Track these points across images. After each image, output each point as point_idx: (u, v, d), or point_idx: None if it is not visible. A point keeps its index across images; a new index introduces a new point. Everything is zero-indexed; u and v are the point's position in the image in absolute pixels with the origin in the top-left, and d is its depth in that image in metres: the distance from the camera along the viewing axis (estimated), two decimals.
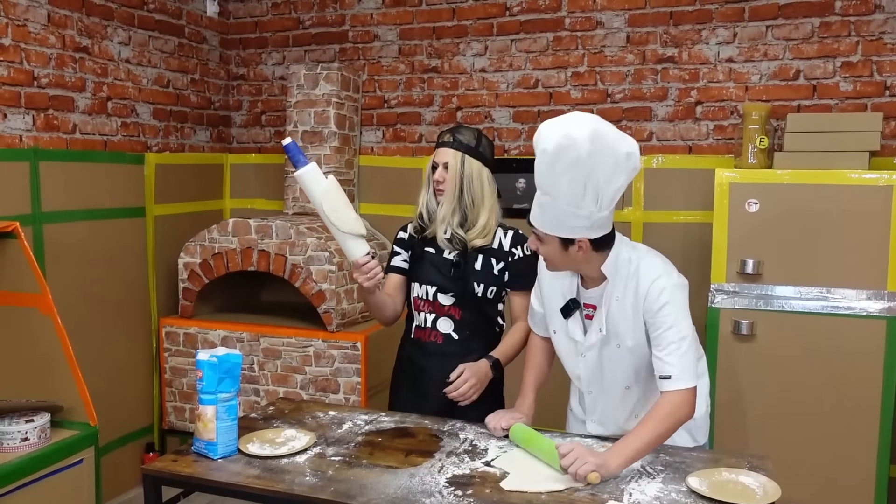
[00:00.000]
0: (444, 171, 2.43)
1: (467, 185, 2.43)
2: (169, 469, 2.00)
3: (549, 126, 1.92)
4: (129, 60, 3.76)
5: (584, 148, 1.85)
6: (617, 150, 1.89)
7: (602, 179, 1.89)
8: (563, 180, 1.88)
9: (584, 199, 1.90)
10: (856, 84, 3.43)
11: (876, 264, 2.93)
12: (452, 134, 2.47)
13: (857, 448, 2.98)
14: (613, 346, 2.10)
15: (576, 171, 1.87)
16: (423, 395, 2.52)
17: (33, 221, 3.22)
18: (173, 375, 3.90)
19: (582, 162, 1.86)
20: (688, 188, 3.67)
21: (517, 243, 2.49)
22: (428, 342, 2.53)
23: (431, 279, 2.49)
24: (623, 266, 2.06)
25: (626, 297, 2.05)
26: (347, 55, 4.27)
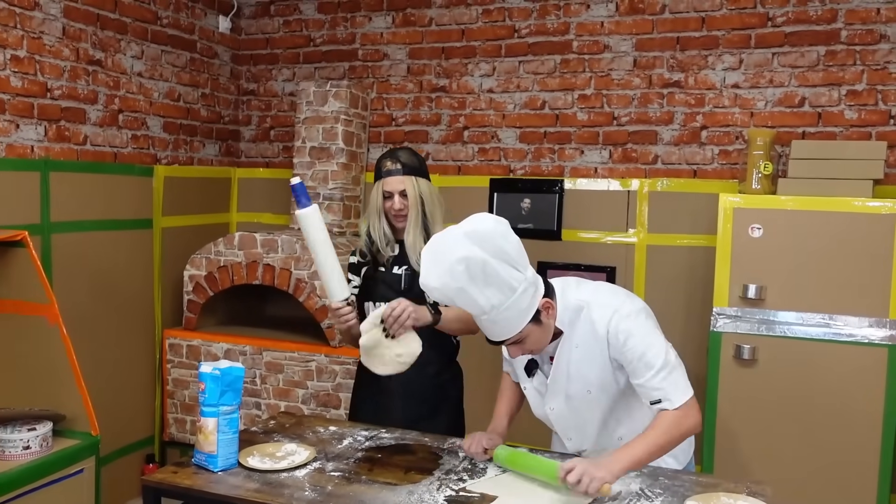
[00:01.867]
0: (402, 199, 2.48)
1: (427, 206, 2.51)
2: (169, 481, 2.01)
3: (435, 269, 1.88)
4: (142, 74, 3.81)
5: (476, 252, 1.84)
6: (488, 228, 1.89)
7: (506, 253, 1.88)
8: (490, 289, 1.86)
9: (513, 279, 1.89)
10: (861, 112, 3.45)
11: (878, 292, 2.94)
12: (396, 160, 2.49)
13: (857, 476, 2.97)
14: (583, 392, 2.09)
15: (492, 272, 1.86)
16: (384, 409, 2.55)
17: (42, 231, 3.25)
18: (175, 387, 3.91)
19: (489, 262, 1.85)
20: (692, 212, 3.68)
21: None
22: None
23: (383, 295, 2.52)
24: (574, 313, 2.05)
25: (587, 342, 2.04)
26: (357, 73, 4.31)
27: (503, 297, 1.89)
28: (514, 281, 1.89)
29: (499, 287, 1.88)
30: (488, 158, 4.09)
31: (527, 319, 1.93)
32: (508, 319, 1.92)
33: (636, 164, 3.82)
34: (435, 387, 2.57)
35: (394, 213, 2.50)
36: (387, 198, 2.50)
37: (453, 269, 1.85)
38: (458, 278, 1.85)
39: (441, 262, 1.87)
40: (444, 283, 1.87)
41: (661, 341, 2.03)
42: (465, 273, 1.84)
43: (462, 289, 1.86)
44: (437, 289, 1.90)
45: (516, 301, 1.90)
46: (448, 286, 1.87)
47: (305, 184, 4.06)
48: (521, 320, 1.93)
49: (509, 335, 1.95)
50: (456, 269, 1.84)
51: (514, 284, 1.89)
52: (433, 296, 1.97)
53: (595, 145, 3.89)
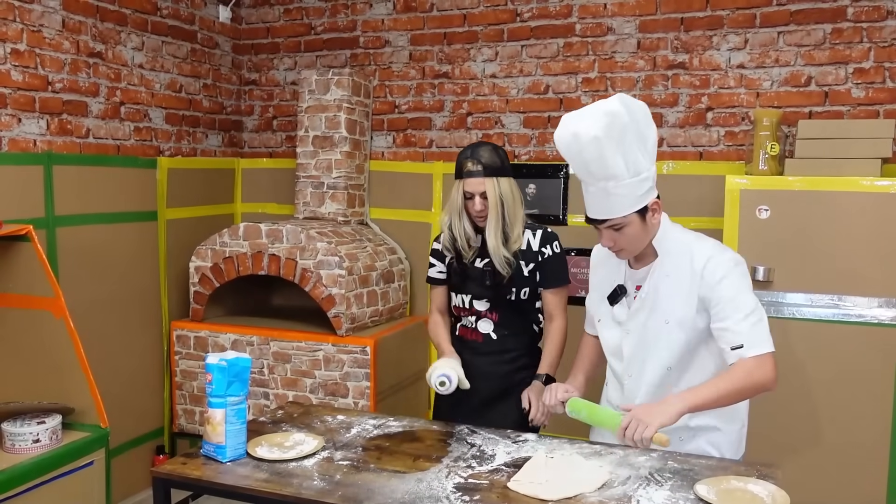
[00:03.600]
0: (483, 201, 2.49)
1: (507, 207, 2.51)
2: (178, 472, 2.02)
3: (580, 115, 1.94)
4: (143, 66, 3.79)
5: (624, 115, 1.90)
6: (641, 106, 1.96)
7: (644, 134, 1.95)
8: (618, 157, 1.91)
9: (640, 162, 1.95)
10: (868, 90, 3.41)
11: (887, 272, 2.92)
12: (477, 160, 2.49)
13: (867, 457, 2.96)
14: (661, 322, 2.09)
15: (629, 140, 1.92)
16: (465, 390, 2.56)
17: (47, 225, 3.25)
18: (184, 378, 3.92)
19: (628, 127, 1.91)
20: (698, 194, 3.66)
21: (546, 242, 2.57)
22: (470, 340, 2.64)
23: (467, 289, 2.60)
24: (673, 243, 2.09)
25: (679, 274, 2.06)
26: (358, 61, 4.29)
27: (626, 171, 1.93)
28: (641, 164, 1.95)
29: (626, 160, 1.92)
30: None
31: (637, 207, 1.97)
32: (621, 198, 1.95)
33: None
34: (510, 371, 2.61)
35: (475, 214, 2.52)
36: (468, 198, 2.51)
37: (598, 119, 1.88)
38: (599, 127, 1.87)
39: (589, 112, 1.92)
40: (586, 129, 1.89)
41: (754, 297, 2.04)
42: (607, 127, 1.87)
43: (597, 139, 1.88)
44: (575, 134, 1.91)
45: (635, 184, 1.94)
46: (587, 133, 1.89)
47: (309, 174, 4.07)
48: (631, 205, 1.96)
49: (615, 215, 1.97)
50: (600, 119, 1.88)
51: (640, 167, 1.95)
52: (566, 145, 1.96)
53: None
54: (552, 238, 2.59)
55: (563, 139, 1.97)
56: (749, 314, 1.98)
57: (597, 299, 2.28)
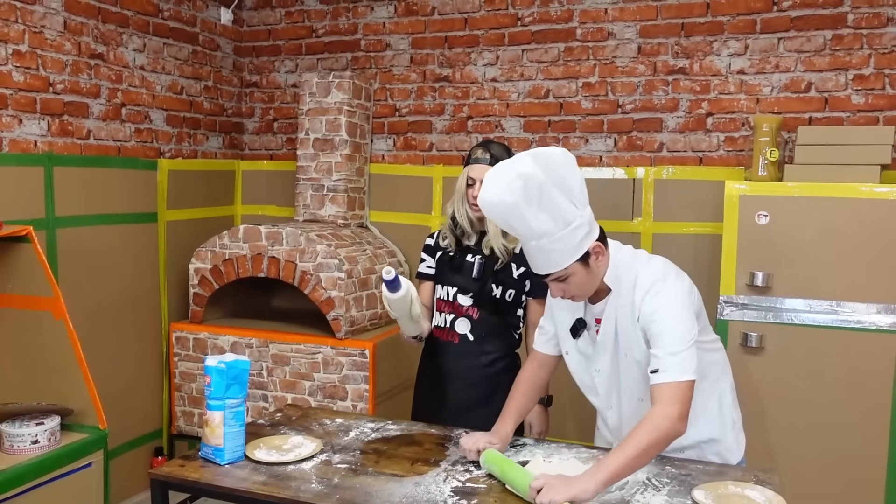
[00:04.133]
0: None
1: None
2: (176, 474, 2.02)
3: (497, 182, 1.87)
4: (144, 67, 3.80)
5: (539, 174, 1.83)
6: (555, 155, 1.89)
7: (567, 185, 1.88)
8: (543, 213, 1.86)
9: (568, 212, 1.88)
10: (868, 97, 3.42)
11: (886, 278, 2.92)
12: (487, 150, 2.54)
13: (866, 463, 2.96)
14: (622, 356, 2.08)
15: (548, 196, 1.85)
16: (440, 394, 2.63)
17: (47, 226, 3.26)
18: (183, 380, 3.92)
19: (545, 185, 1.84)
20: (698, 199, 3.66)
21: None
22: (445, 342, 2.63)
23: (453, 281, 2.61)
24: (624, 274, 2.04)
25: (628, 306, 2.02)
26: (359, 64, 4.30)
27: (555, 226, 1.87)
28: (569, 214, 1.88)
29: (552, 215, 1.86)
30: None
31: (575, 257, 1.91)
32: (557, 252, 1.90)
33: (641, 152, 3.80)
34: (488, 375, 2.61)
35: (472, 201, 2.53)
36: (470, 185, 2.54)
37: (512, 184, 1.83)
38: (515, 194, 1.83)
39: (501, 176, 1.87)
40: (501, 197, 1.85)
41: (690, 323, 1.96)
42: (522, 190, 1.83)
43: (516, 205, 1.84)
44: (493, 203, 1.88)
45: (568, 235, 1.89)
46: (504, 201, 1.85)
47: (309, 176, 4.08)
48: (569, 256, 1.91)
49: (555, 269, 1.93)
50: (514, 185, 1.83)
51: (568, 217, 1.88)
52: (488, 212, 1.94)
53: (600, 133, 3.87)
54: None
55: (485, 206, 1.92)
56: (672, 339, 1.93)
57: (562, 330, 2.20)
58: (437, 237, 2.70)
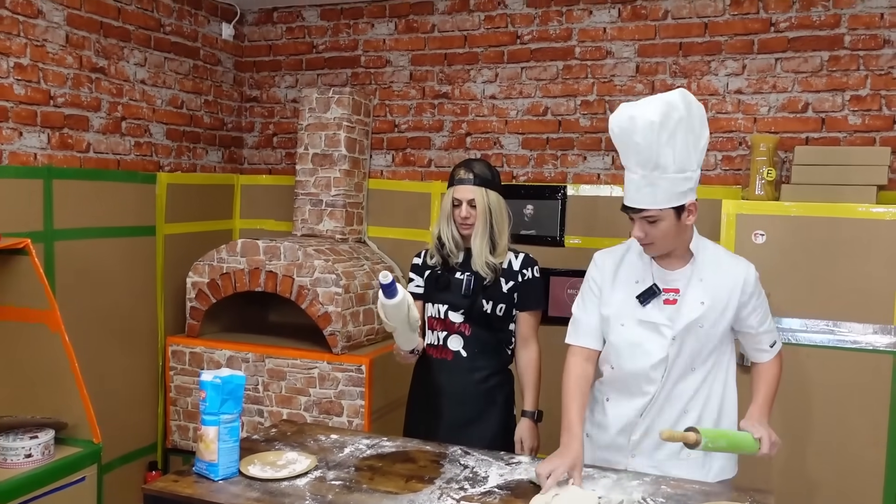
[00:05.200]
0: (470, 209, 2.57)
1: (495, 217, 2.59)
2: (170, 489, 2.01)
3: (640, 102, 1.97)
4: (145, 81, 3.81)
5: (682, 108, 1.93)
6: (699, 107, 1.99)
7: (697, 133, 1.98)
8: (669, 147, 1.93)
9: (689, 159, 1.97)
10: (864, 118, 3.44)
11: (883, 299, 2.92)
12: (470, 170, 2.59)
13: (862, 483, 2.95)
14: (696, 327, 2.11)
15: (682, 134, 1.94)
16: (434, 411, 2.62)
17: (45, 238, 3.26)
18: (178, 394, 3.91)
19: (685, 122, 1.94)
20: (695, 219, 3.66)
21: (527, 266, 2.64)
22: (438, 359, 2.64)
23: (444, 299, 2.63)
24: (708, 248, 2.17)
25: (715, 281, 2.11)
26: (359, 80, 4.32)
27: (672, 164, 1.95)
28: (687, 161, 1.97)
29: (675, 153, 1.94)
30: None
31: (674, 203, 1.99)
32: (662, 191, 1.96)
33: None
34: (482, 392, 2.62)
35: (459, 221, 2.59)
36: (456, 206, 2.59)
37: (657, 105, 1.92)
38: (656, 114, 1.90)
39: (649, 99, 1.95)
40: (642, 112, 1.91)
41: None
42: (663, 115, 1.91)
43: (653, 124, 1.90)
44: (631, 117, 1.93)
45: (678, 180, 1.96)
46: (643, 116, 1.91)
47: (308, 191, 4.08)
48: (670, 199, 1.98)
49: (653, 206, 1.98)
50: (658, 108, 1.91)
51: (685, 164, 1.97)
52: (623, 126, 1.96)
53: (598, 151, 3.88)
54: (532, 262, 2.66)
55: (619, 121, 1.98)
56: (772, 320, 2.26)
57: (619, 301, 2.16)
58: (425, 256, 2.73)
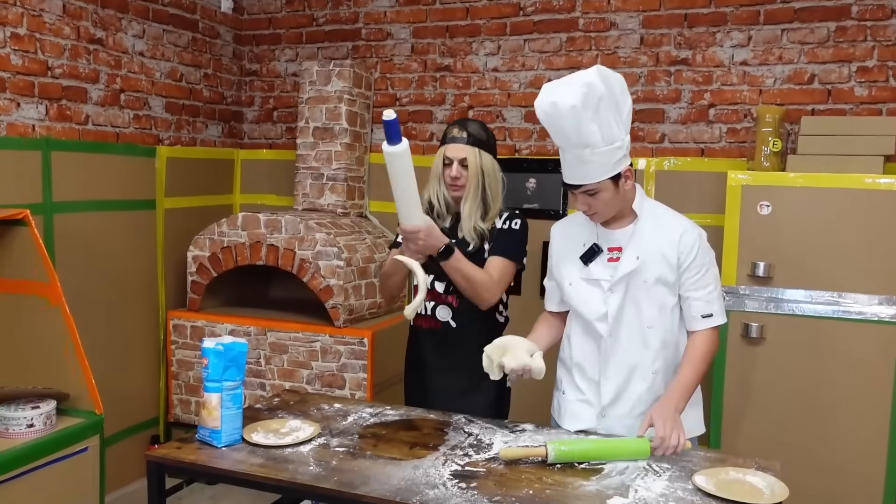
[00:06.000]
0: (461, 169, 2.45)
1: (488, 179, 2.47)
2: (172, 456, 2.00)
3: (559, 85, 2.03)
4: (143, 53, 3.77)
5: (601, 87, 1.99)
6: (617, 78, 2.06)
7: (619, 105, 2.06)
8: (594, 125, 2.01)
9: (616, 131, 2.04)
10: (871, 89, 3.40)
11: (888, 269, 2.91)
12: (463, 128, 2.47)
13: (866, 452, 2.95)
14: (640, 282, 2.18)
15: (605, 110, 2.01)
16: (427, 383, 2.58)
17: (44, 211, 3.23)
18: (180, 368, 3.90)
19: (605, 99, 2.01)
20: (699, 191, 3.64)
21: (507, 220, 2.52)
22: (427, 329, 2.57)
23: (429, 268, 2.46)
24: (651, 207, 2.23)
25: (655, 238, 2.17)
26: (360, 53, 4.27)
27: (601, 139, 2.03)
28: (615, 133, 2.05)
29: (601, 128, 2.02)
30: None
31: (610, 174, 2.07)
32: (595, 165, 2.05)
33: (643, 143, 3.78)
34: (474, 363, 2.43)
35: (449, 182, 2.47)
36: (447, 164, 2.47)
37: (575, 89, 1.98)
38: (576, 98, 1.97)
39: (567, 82, 2.02)
40: (563, 98, 1.99)
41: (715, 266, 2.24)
42: (584, 97, 1.97)
43: (574, 109, 1.97)
44: (554, 103, 2.00)
45: (609, 152, 2.05)
46: (564, 102, 1.98)
47: (309, 165, 4.06)
48: (605, 172, 2.07)
49: (590, 181, 2.07)
50: (577, 90, 1.98)
51: (613, 136, 2.05)
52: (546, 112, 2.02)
53: None
54: (516, 217, 2.52)
55: (543, 107, 2.05)
56: (717, 287, 2.21)
57: (567, 263, 2.29)
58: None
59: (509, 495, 1.76)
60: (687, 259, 2.17)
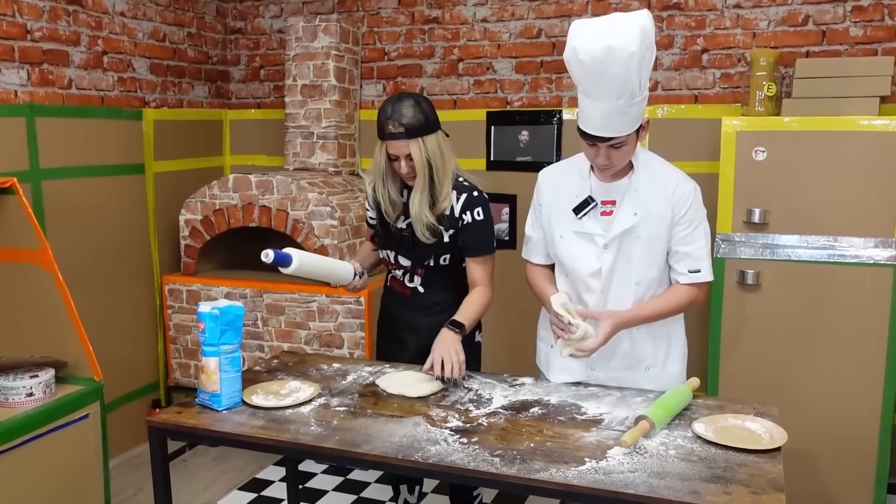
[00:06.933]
0: (409, 162, 2.30)
1: (434, 167, 2.31)
2: (174, 421, 2.00)
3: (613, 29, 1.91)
4: (124, 14, 3.68)
5: (652, 33, 1.95)
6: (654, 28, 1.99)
7: (651, 60, 1.99)
8: (638, 74, 1.94)
9: (645, 82, 1.99)
10: (866, 29, 3.35)
11: (884, 212, 2.89)
12: (398, 122, 2.26)
13: (862, 395, 2.98)
14: (634, 237, 2.15)
15: (649, 60, 1.96)
16: (398, 341, 2.53)
17: (31, 178, 3.19)
18: (177, 332, 3.90)
19: (652, 48, 1.95)
20: (694, 138, 3.61)
21: (467, 208, 2.37)
22: (398, 292, 2.54)
23: (389, 245, 2.48)
24: (646, 159, 2.19)
25: (651, 192, 2.13)
26: (346, 6, 4.18)
27: (638, 90, 1.96)
28: (645, 84, 1.99)
29: (640, 79, 1.96)
30: (484, 91, 3.99)
31: (638, 125, 2.04)
32: (631, 116, 1.99)
33: None
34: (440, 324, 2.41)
35: (405, 175, 2.35)
36: (393, 160, 2.34)
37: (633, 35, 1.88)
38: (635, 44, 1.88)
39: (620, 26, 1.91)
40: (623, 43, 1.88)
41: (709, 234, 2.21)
42: (640, 43, 1.89)
43: (633, 56, 1.88)
44: (610, 48, 1.89)
45: (641, 103, 2.00)
46: (625, 48, 1.87)
47: (298, 124, 4.00)
48: (636, 122, 2.03)
49: (626, 132, 2.01)
50: (636, 37, 1.88)
51: (644, 87, 1.99)
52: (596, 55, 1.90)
53: None
54: (475, 204, 2.37)
55: (593, 52, 1.90)
56: (707, 243, 2.17)
57: (558, 215, 2.23)
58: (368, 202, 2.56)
59: (511, 448, 1.77)
60: (679, 212, 2.13)
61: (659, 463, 1.70)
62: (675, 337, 2.30)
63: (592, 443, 1.80)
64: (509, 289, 3.58)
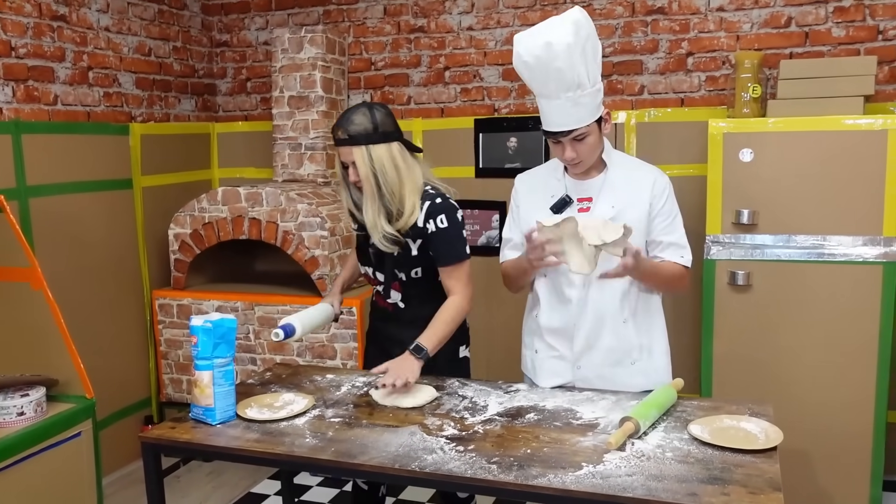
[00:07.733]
0: (355, 170, 2.25)
1: (381, 178, 2.23)
2: (167, 436, 1.99)
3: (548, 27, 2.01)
4: (109, 28, 3.67)
5: (587, 24, 2.01)
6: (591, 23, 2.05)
7: (596, 47, 2.07)
8: (583, 66, 2.01)
9: (597, 72, 2.06)
10: (848, 29, 3.38)
11: (871, 210, 2.91)
12: (344, 127, 2.22)
13: (855, 394, 2.99)
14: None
15: (591, 49, 2.03)
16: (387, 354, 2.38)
17: (19, 195, 3.17)
18: (168, 347, 3.88)
19: (591, 37, 2.02)
20: (681, 141, 3.63)
21: (430, 217, 2.28)
22: (382, 307, 2.50)
23: (366, 261, 2.45)
24: (618, 156, 2.26)
25: (627, 187, 2.19)
26: (332, 17, 4.19)
27: (587, 81, 2.03)
28: (594, 75, 2.06)
29: (587, 69, 2.03)
30: (471, 98, 4.00)
31: (596, 116, 2.09)
32: (584, 107, 2.05)
33: (622, 96, 3.75)
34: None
35: (352, 182, 2.29)
36: (345, 167, 2.29)
37: (567, 28, 1.97)
38: (569, 35, 1.96)
39: (553, 24, 2.00)
40: (558, 37, 1.97)
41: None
42: (575, 34, 1.97)
43: (570, 46, 1.97)
44: (547, 44, 1.98)
45: (594, 94, 2.06)
46: (560, 41, 1.96)
47: (286, 135, 4.00)
48: (592, 114, 2.08)
49: (582, 123, 2.07)
50: (569, 28, 1.97)
51: (594, 77, 2.06)
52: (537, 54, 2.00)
53: None
54: (438, 211, 2.27)
55: (533, 51, 2.01)
56: (683, 234, 2.26)
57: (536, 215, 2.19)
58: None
59: (507, 455, 1.77)
60: (658, 204, 2.20)
61: (656, 465, 1.70)
62: (656, 328, 2.32)
63: (589, 447, 1.80)
64: (499, 297, 3.58)
